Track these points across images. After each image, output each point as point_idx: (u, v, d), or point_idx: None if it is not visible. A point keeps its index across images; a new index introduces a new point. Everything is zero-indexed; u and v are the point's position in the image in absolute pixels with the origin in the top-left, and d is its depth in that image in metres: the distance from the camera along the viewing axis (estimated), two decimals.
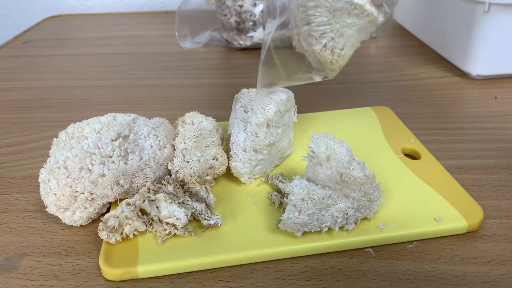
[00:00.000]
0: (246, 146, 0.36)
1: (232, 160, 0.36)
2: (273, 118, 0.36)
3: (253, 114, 0.36)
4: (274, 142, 0.37)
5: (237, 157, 0.36)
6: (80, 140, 0.34)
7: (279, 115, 0.37)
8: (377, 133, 0.44)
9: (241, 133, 0.36)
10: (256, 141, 0.36)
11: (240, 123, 0.36)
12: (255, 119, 0.36)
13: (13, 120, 0.51)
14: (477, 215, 0.32)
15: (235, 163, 0.36)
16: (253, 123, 0.36)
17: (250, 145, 0.36)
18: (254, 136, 0.36)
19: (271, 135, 0.36)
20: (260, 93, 0.36)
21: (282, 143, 0.38)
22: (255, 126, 0.36)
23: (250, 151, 0.36)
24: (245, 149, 0.36)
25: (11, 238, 0.34)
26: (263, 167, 0.37)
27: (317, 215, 0.30)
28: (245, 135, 0.36)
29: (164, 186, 0.33)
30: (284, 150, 0.39)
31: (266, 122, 0.36)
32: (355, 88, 0.57)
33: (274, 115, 0.36)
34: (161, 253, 0.30)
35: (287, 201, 0.31)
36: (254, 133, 0.36)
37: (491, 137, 0.45)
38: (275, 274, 0.30)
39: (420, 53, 0.66)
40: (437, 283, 0.29)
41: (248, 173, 0.36)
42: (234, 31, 0.69)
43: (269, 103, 0.37)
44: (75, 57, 0.70)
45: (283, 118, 0.38)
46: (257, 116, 0.36)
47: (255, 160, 0.36)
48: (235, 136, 0.36)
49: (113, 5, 0.98)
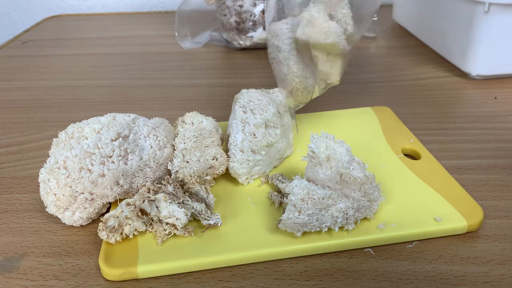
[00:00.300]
0: (244, 147, 0.35)
1: (230, 160, 0.36)
2: (271, 119, 0.36)
3: (252, 115, 0.36)
4: (272, 143, 0.37)
5: (235, 157, 0.36)
6: (80, 140, 0.34)
7: (278, 116, 0.37)
8: (377, 133, 0.44)
9: (239, 134, 0.36)
10: (254, 141, 0.36)
11: (239, 123, 0.36)
12: (253, 120, 0.36)
13: (13, 120, 0.51)
14: (477, 215, 0.32)
15: (233, 163, 0.36)
16: (251, 124, 0.36)
17: (248, 145, 0.35)
18: (252, 136, 0.36)
19: (269, 136, 0.36)
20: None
21: (281, 144, 0.38)
22: (253, 127, 0.36)
23: (248, 151, 0.36)
24: (242, 150, 0.36)
25: (11, 238, 0.34)
26: (261, 168, 0.37)
27: (317, 215, 0.30)
28: (243, 136, 0.36)
29: (164, 186, 0.33)
30: (283, 151, 0.39)
31: (265, 122, 0.36)
32: (355, 88, 0.56)
33: (273, 116, 0.36)
34: (161, 253, 0.30)
35: (287, 201, 0.31)
36: (252, 133, 0.36)
37: (491, 137, 0.45)
38: (275, 274, 0.30)
39: (420, 53, 0.66)
40: (437, 283, 0.29)
41: (245, 174, 0.36)
42: (234, 31, 0.69)
43: (268, 104, 0.37)
44: (75, 57, 0.70)
45: (282, 119, 0.38)
46: (256, 117, 0.36)
47: (253, 161, 0.36)
48: (233, 137, 0.36)
49: (113, 5, 0.98)
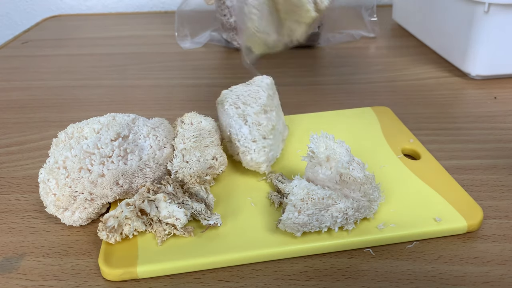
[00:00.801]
0: (254, 137, 0.36)
1: (246, 154, 0.36)
2: (267, 103, 0.37)
3: (247, 106, 0.36)
4: (274, 125, 0.37)
5: (250, 149, 0.36)
6: (79, 140, 0.34)
7: (270, 98, 0.38)
8: (376, 133, 0.44)
9: (243, 127, 0.36)
10: (261, 128, 0.36)
11: (237, 119, 0.36)
12: (251, 110, 0.36)
13: (12, 120, 0.51)
14: (476, 215, 0.32)
15: (250, 155, 0.36)
16: (252, 114, 0.36)
17: (258, 134, 0.36)
18: (258, 125, 0.36)
19: (270, 120, 0.37)
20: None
21: (279, 125, 0.39)
22: (254, 116, 0.36)
23: (260, 139, 0.36)
24: (255, 140, 0.36)
25: (10, 238, 0.34)
26: (274, 153, 0.38)
27: (317, 215, 0.30)
28: (249, 128, 0.36)
29: (164, 186, 0.33)
30: (282, 132, 0.40)
31: (263, 109, 0.36)
32: (354, 88, 0.56)
33: (267, 99, 0.37)
34: (161, 253, 0.30)
35: (286, 201, 0.31)
36: (257, 122, 0.36)
37: (490, 137, 0.45)
38: (274, 274, 0.30)
39: (420, 53, 0.66)
40: (437, 283, 0.29)
41: (265, 161, 0.36)
42: (233, 31, 0.69)
43: (257, 91, 0.37)
44: (75, 57, 0.70)
45: (274, 101, 0.39)
46: (252, 106, 0.36)
47: (268, 146, 0.36)
48: (238, 132, 0.36)
49: (113, 5, 0.98)
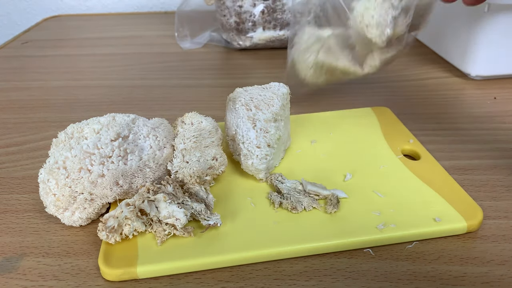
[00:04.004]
0: (260, 143, 0.36)
1: (247, 158, 0.36)
2: (279, 112, 0.37)
3: (259, 111, 0.36)
4: (281, 135, 0.37)
5: (253, 154, 0.36)
6: (79, 140, 0.34)
7: (283, 108, 0.38)
8: (376, 133, 0.44)
9: (251, 131, 0.36)
10: (268, 136, 0.36)
11: (246, 121, 0.36)
12: (262, 115, 0.36)
13: (12, 120, 0.51)
14: (476, 216, 0.32)
15: (251, 160, 0.36)
16: (262, 120, 0.36)
17: (263, 141, 0.36)
18: (265, 132, 0.36)
19: (278, 130, 0.37)
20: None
21: (285, 135, 0.39)
22: (264, 122, 0.36)
23: (265, 146, 0.36)
24: (259, 146, 0.36)
25: (10, 239, 0.34)
26: (274, 161, 0.38)
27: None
28: (256, 133, 0.36)
29: (164, 187, 0.33)
30: (285, 142, 0.40)
31: (274, 117, 0.36)
32: (354, 89, 0.56)
33: (280, 109, 0.37)
34: (161, 253, 0.30)
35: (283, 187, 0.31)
36: (265, 129, 0.36)
37: (490, 137, 0.45)
38: (274, 275, 0.30)
39: (420, 53, 0.66)
40: (437, 284, 0.29)
41: (265, 169, 0.36)
42: (233, 32, 0.69)
43: (273, 98, 0.37)
44: (75, 57, 0.70)
45: (285, 111, 0.38)
46: (264, 112, 0.36)
47: (271, 155, 0.36)
48: (244, 135, 0.36)
49: (112, 6, 0.98)
